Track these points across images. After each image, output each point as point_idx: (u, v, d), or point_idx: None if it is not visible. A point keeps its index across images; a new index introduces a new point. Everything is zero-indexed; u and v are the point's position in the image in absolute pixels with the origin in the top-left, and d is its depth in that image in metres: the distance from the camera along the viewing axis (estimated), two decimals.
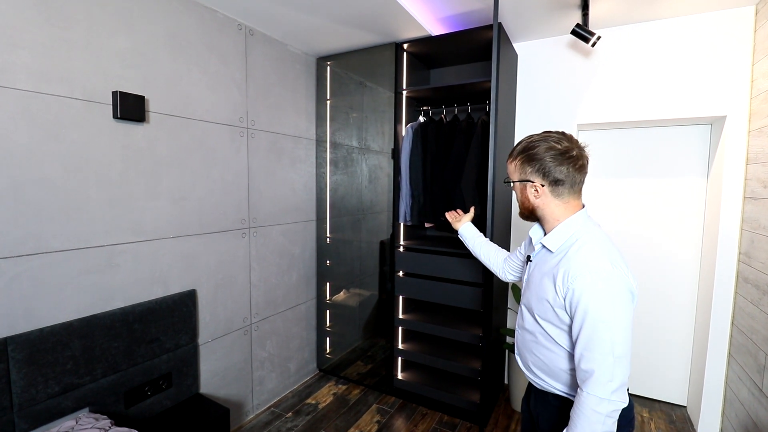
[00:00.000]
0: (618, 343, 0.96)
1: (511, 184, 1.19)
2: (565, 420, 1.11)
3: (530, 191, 1.12)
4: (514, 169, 1.16)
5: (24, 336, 1.42)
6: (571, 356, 1.07)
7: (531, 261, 1.20)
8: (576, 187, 1.10)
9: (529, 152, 1.10)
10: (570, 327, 1.04)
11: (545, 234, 1.16)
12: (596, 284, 0.97)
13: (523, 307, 1.21)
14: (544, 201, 1.11)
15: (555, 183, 1.08)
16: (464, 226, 1.73)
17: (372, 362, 2.89)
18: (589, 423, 0.96)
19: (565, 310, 1.03)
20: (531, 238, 1.23)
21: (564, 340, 1.08)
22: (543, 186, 1.10)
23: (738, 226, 2.15)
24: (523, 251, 1.41)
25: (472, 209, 1.82)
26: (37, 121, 1.45)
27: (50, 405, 1.49)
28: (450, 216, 1.83)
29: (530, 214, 1.17)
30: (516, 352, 1.28)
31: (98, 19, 1.61)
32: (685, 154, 2.49)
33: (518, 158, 1.13)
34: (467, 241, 1.71)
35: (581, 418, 0.97)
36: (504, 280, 1.57)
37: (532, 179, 1.10)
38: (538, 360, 1.16)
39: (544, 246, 1.14)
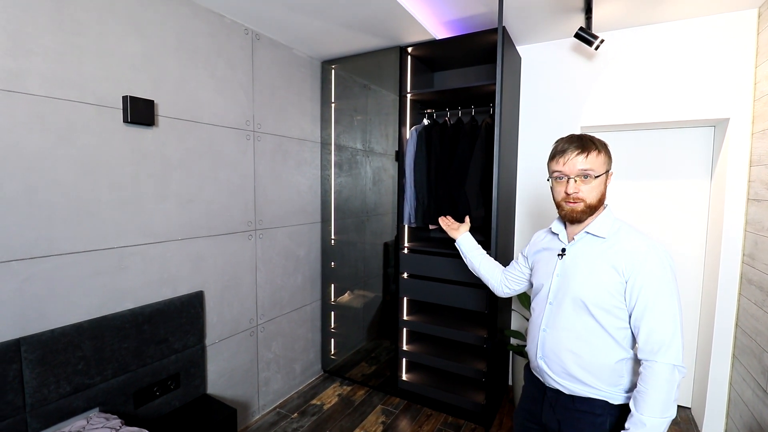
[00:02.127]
0: (681, 315, 1.04)
1: (597, 177, 1.13)
2: (596, 426, 1.11)
3: (608, 180, 1.18)
4: (602, 161, 1.14)
5: (36, 337, 1.45)
6: (619, 345, 1.11)
7: (565, 254, 1.21)
8: None
9: (606, 145, 1.17)
10: (629, 310, 1.09)
11: (565, 228, 1.23)
12: (663, 262, 1.06)
13: (566, 301, 1.16)
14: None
15: None
16: (463, 236, 1.69)
17: (376, 363, 2.91)
18: (666, 393, 0.99)
19: (624, 292, 1.08)
20: (557, 234, 1.25)
21: (615, 327, 1.10)
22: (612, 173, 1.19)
23: (741, 227, 2.16)
24: (529, 256, 1.40)
25: (467, 219, 1.79)
26: (49, 126, 1.48)
27: (62, 405, 1.52)
28: (443, 222, 1.77)
29: (597, 207, 1.16)
30: (539, 356, 1.22)
31: (109, 25, 1.64)
32: (689, 156, 2.50)
33: (602, 151, 1.15)
34: (466, 253, 1.66)
35: (657, 390, 0.99)
36: (499, 294, 1.56)
37: (610, 168, 1.17)
38: (579, 358, 1.13)
39: (589, 233, 1.17)
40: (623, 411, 1.11)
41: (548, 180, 1.23)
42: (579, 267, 1.15)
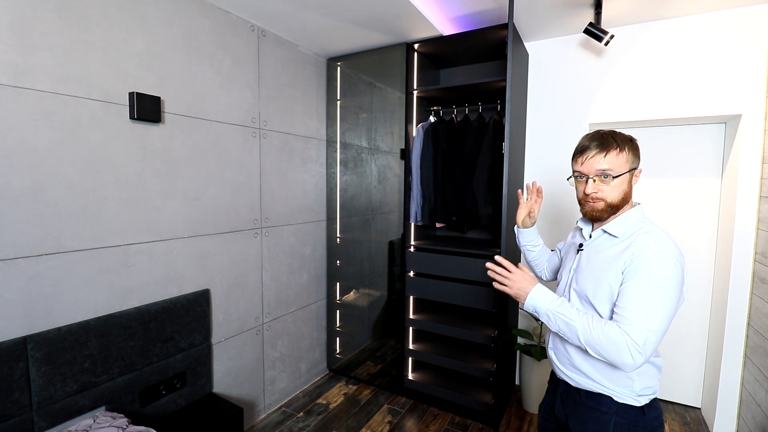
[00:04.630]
0: (665, 311, 0.98)
1: (618, 176, 1.10)
2: (601, 423, 1.09)
3: (634, 179, 1.13)
4: (624, 160, 1.10)
5: (43, 335, 1.44)
6: None
7: (582, 249, 1.20)
8: None
9: (630, 140, 1.13)
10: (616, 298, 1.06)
11: (593, 225, 1.21)
12: (666, 259, 1.00)
13: (575, 296, 1.17)
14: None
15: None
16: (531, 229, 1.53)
17: (382, 362, 2.89)
18: (594, 337, 1.00)
19: (621, 283, 1.05)
20: (582, 229, 1.24)
21: None
22: (641, 171, 1.14)
23: (754, 225, 2.13)
24: (564, 248, 1.40)
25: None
26: (56, 122, 1.46)
27: (68, 403, 1.51)
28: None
29: (620, 207, 1.13)
30: (550, 347, 1.25)
31: (115, 21, 1.62)
32: (699, 153, 2.47)
33: (626, 148, 1.10)
34: (533, 249, 1.53)
35: (594, 328, 1.00)
36: (544, 279, 1.54)
37: (637, 165, 1.13)
38: (585, 352, 1.12)
39: (606, 232, 1.15)
40: (630, 411, 1.09)
41: (567, 179, 1.22)
42: (591, 263, 1.15)
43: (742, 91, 2.13)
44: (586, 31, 2.13)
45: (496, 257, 1.21)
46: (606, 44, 2.13)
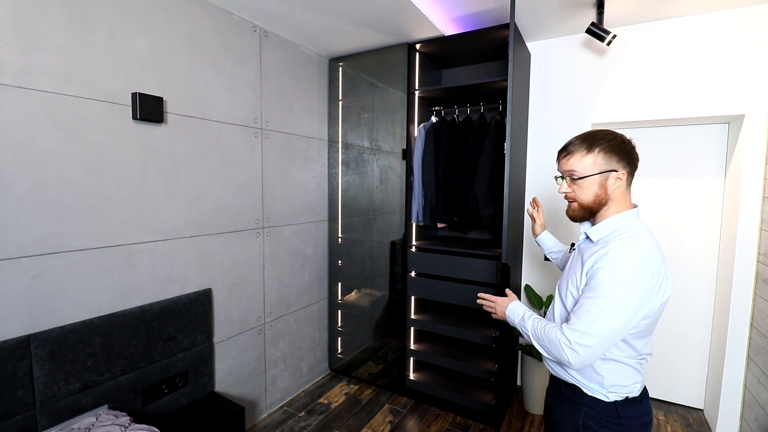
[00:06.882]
0: (602, 324, 0.98)
1: (583, 178, 1.09)
2: (574, 412, 1.14)
3: (611, 182, 1.08)
4: (591, 162, 1.07)
5: (46, 333, 1.45)
6: None
7: (574, 249, 1.23)
8: (631, 179, 1.13)
9: (611, 141, 1.07)
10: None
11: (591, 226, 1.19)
12: (621, 269, 0.99)
13: (556, 293, 1.22)
14: (618, 192, 1.09)
15: (631, 173, 1.10)
16: (543, 234, 1.62)
17: (383, 362, 2.89)
18: (541, 338, 1.09)
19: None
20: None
21: None
22: (625, 174, 1.08)
23: (757, 226, 2.12)
24: None
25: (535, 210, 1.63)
26: (59, 123, 1.47)
27: (71, 402, 1.52)
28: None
29: (596, 209, 1.11)
30: None
31: (118, 21, 1.63)
32: (702, 153, 2.46)
33: (598, 149, 1.07)
34: (556, 255, 1.60)
35: (543, 332, 1.08)
36: None
37: (616, 168, 1.07)
38: None
39: (587, 236, 1.15)
40: (600, 405, 1.10)
41: (555, 179, 1.24)
42: (571, 264, 1.18)
43: (745, 91, 2.12)
44: (588, 31, 2.13)
45: (479, 294, 1.37)
46: (608, 44, 2.13)
